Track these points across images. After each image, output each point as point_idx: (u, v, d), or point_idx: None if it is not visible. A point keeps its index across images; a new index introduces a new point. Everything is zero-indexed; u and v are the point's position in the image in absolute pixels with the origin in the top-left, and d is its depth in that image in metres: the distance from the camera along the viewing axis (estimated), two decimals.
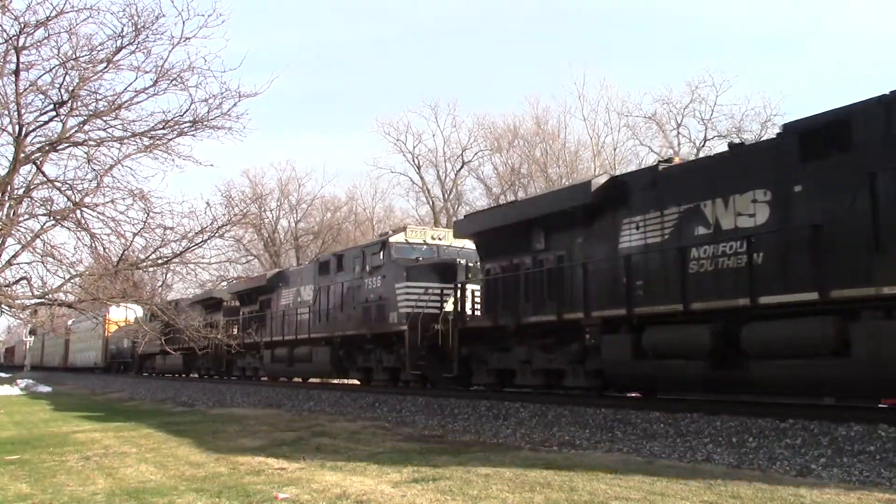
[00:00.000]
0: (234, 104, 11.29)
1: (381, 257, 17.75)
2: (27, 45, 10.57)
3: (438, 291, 16.40)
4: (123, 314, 38.70)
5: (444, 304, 16.16)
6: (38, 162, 11.69)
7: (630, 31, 68.67)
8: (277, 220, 53.77)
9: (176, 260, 12.39)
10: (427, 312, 16.11)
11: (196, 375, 31.67)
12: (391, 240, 17.82)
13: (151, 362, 36.44)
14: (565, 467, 7.05)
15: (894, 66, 47.37)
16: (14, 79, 10.86)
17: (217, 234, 12.41)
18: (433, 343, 15.61)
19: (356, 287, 18.67)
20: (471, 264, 16.20)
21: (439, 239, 18.23)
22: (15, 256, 11.70)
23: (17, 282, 11.80)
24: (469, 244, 16.29)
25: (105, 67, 11.03)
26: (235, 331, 23.85)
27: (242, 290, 27.34)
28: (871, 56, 57.25)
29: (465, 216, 17.58)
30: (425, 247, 17.88)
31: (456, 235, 16.63)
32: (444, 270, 16.73)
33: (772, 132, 18.40)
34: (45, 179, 11.83)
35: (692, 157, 21.14)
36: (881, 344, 8.13)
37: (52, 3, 10.13)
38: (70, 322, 37.16)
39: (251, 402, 18.37)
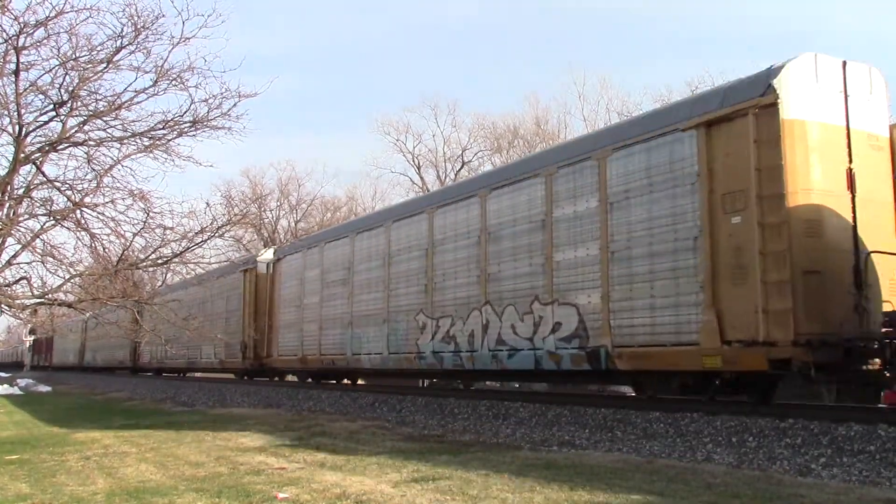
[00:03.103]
0: (234, 104, 11.36)
1: None
2: (27, 45, 10.61)
3: None
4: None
5: None
6: (38, 162, 11.72)
7: (630, 31, 68.69)
8: (277, 220, 53.85)
9: (176, 260, 12.45)
10: None
11: None
12: None
13: None
14: (565, 467, 7.04)
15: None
16: (14, 79, 10.88)
17: (217, 235, 12.50)
18: None
19: None
20: None
21: None
22: (15, 256, 11.74)
23: (17, 282, 11.84)
24: None
25: (105, 67, 11.08)
26: None
27: None
28: (869, 55, 57.25)
29: None
30: None
31: None
32: None
33: None
34: (45, 179, 11.87)
35: None
36: None
37: (52, 3, 10.18)
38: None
39: (251, 401, 18.36)
